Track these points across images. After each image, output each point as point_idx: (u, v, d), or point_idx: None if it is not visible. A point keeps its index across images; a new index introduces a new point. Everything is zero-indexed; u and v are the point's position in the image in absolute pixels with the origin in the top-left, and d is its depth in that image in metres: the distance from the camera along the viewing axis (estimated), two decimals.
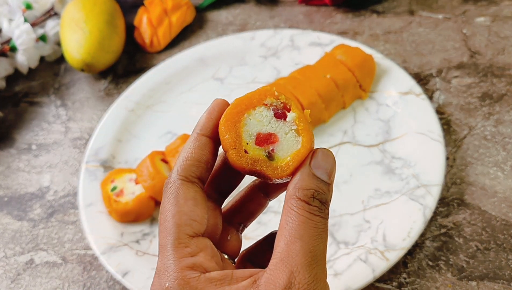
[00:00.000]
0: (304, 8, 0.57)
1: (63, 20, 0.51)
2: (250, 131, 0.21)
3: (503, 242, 0.34)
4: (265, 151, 0.21)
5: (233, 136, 0.21)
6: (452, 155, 0.40)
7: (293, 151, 0.21)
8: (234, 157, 0.21)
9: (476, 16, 0.51)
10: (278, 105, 0.22)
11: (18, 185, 0.45)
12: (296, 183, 0.20)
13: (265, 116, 0.22)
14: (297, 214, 0.20)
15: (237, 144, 0.21)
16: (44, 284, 0.37)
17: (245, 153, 0.21)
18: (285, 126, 0.21)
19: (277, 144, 0.21)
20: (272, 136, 0.21)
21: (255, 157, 0.21)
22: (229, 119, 0.21)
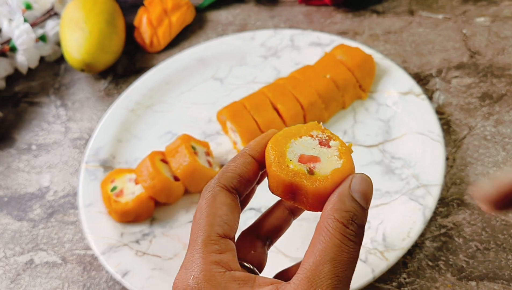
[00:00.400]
0: (304, 8, 0.57)
1: (63, 20, 0.51)
2: (294, 152, 0.23)
3: (503, 242, 0.34)
4: (306, 167, 0.22)
5: (278, 153, 0.23)
6: (452, 155, 0.40)
7: (334, 168, 0.22)
8: (276, 169, 0.22)
9: (476, 16, 0.51)
10: (323, 137, 0.24)
11: (18, 185, 0.45)
12: (334, 204, 0.20)
13: (310, 143, 0.24)
14: (331, 235, 0.19)
15: (280, 159, 0.23)
16: (44, 284, 0.37)
17: (287, 166, 0.22)
18: (328, 152, 0.23)
19: (318, 163, 0.23)
20: (314, 158, 0.23)
21: (296, 170, 0.22)
22: (277, 141, 0.23)
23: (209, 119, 0.46)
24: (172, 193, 0.38)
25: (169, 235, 0.38)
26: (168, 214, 0.39)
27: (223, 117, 0.41)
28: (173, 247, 0.37)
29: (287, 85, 0.42)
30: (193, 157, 0.38)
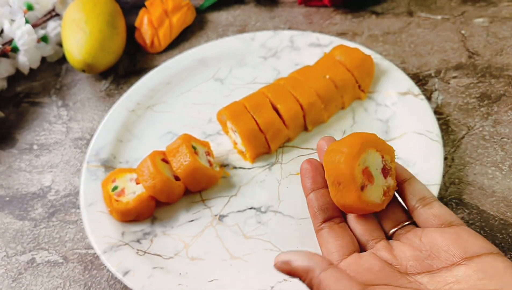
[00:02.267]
0: (303, 9, 0.57)
1: (64, 21, 0.51)
2: (365, 160, 0.26)
3: (502, 242, 0.35)
4: (363, 181, 0.25)
5: (359, 150, 0.25)
6: (451, 155, 0.40)
7: (375, 201, 0.26)
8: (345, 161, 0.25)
9: (475, 17, 0.52)
10: (388, 166, 0.27)
11: (20, 185, 0.45)
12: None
13: (378, 163, 0.26)
14: None
15: (356, 157, 0.25)
16: (45, 283, 0.38)
17: (355, 165, 0.25)
18: (382, 181, 0.26)
19: (370, 185, 0.26)
20: (372, 178, 0.26)
21: (356, 177, 0.25)
22: (364, 141, 0.26)
23: (210, 119, 0.46)
24: (173, 193, 0.38)
25: (170, 234, 0.38)
26: (169, 213, 0.39)
27: (223, 117, 0.42)
28: (174, 246, 0.37)
29: (287, 85, 0.42)
30: (194, 157, 0.38)
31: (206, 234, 0.38)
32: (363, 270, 0.23)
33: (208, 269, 0.36)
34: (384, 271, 0.23)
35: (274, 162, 0.42)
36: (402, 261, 0.24)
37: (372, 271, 0.23)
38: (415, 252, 0.24)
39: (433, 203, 0.26)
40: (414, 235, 0.25)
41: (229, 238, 0.37)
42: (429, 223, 0.25)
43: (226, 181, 0.41)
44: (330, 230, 0.26)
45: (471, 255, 0.22)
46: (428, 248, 0.24)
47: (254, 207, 0.39)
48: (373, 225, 0.27)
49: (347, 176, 0.25)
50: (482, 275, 0.21)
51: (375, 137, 0.27)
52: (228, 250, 0.36)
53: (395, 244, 0.25)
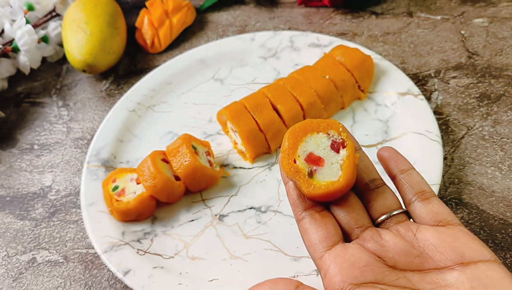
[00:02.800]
0: (303, 10, 0.57)
1: (64, 21, 0.52)
2: (305, 148, 0.25)
3: (501, 241, 0.35)
4: (308, 168, 0.25)
5: (291, 145, 0.25)
6: (450, 155, 0.40)
7: (330, 180, 0.24)
8: (283, 161, 0.25)
9: (474, 17, 0.52)
10: (338, 139, 0.25)
11: (20, 184, 0.45)
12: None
13: (323, 143, 0.25)
14: None
15: (290, 152, 0.25)
16: (46, 283, 0.38)
17: (293, 162, 0.25)
18: (334, 158, 0.25)
19: (320, 168, 0.25)
20: (320, 160, 0.25)
21: (299, 169, 0.24)
22: (295, 131, 0.25)
23: (210, 119, 0.46)
24: (173, 193, 0.38)
25: (170, 234, 0.38)
26: (169, 213, 0.39)
27: (223, 117, 0.42)
28: (174, 246, 0.37)
29: (287, 85, 0.42)
30: (194, 157, 0.38)
31: (206, 233, 0.38)
32: (348, 265, 0.21)
33: (208, 269, 0.36)
34: (371, 266, 0.21)
35: (274, 162, 0.42)
36: (391, 253, 0.22)
37: (357, 266, 0.21)
38: (406, 247, 0.22)
39: (431, 198, 0.24)
40: (407, 228, 0.23)
41: (229, 238, 0.37)
42: (426, 219, 0.24)
43: (226, 181, 0.41)
44: (311, 219, 0.24)
45: (467, 261, 0.21)
46: (421, 246, 0.22)
47: (254, 207, 0.39)
48: (359, 211, 0.25)
49: (291, 172, 0.24)
50: (476, 283, 0.20)
51: (309, 122, 0.26)
52: (228, 250, 0.36)
53: (384, 233, 0.23)
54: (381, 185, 0.26)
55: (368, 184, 0.26)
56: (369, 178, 0.26)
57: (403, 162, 0.26)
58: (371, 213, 0.25)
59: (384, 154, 0.27)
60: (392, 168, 0.26)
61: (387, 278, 0.21)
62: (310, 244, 0.24)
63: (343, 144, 0.25)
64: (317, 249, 0.23)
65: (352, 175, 0.24)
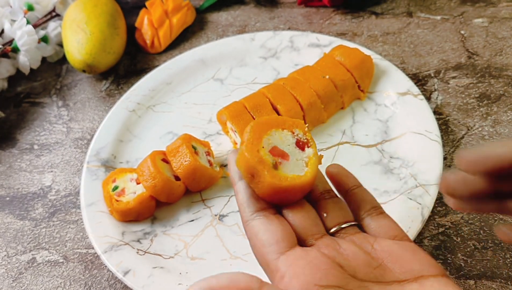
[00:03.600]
0: (303, 10, 0.57)
1: (64, 21, 0.52)
2: (270, 141, 0.24)
3: (501, 241, 0.35)
4: (273, 160, 0.24)
5: (255, 136, 0.24)
6: (450, 155, 0.40)
7: (296, 174, 0.23)
8: (246, 149, 0.23)
9: (474, 17, 0.52)
10: (302, 139, 0.25)
11: (20, 184, 0.45)
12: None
13: (288, 140, 0.25)
14: None
15: (254, 142, 0.23)
16: (46, 283, 0.38)
17: (257, 152, 0.23)
18: (300, 155, 0.24)
19: (286, 161, 0.24)
20: (285, 155, 0.24)
21: (263, 159, 0.23)
22: (259, 124, 0.24)
23: (210, 119, 0.46)
24: (173, 193, 0.38)
25: (170, 234, 0.38)
26: (169, 213, 0.39)
27: (223, 117, 0.42)
28: (174, 246, 0.37)
29: (287, 85, 0.42)
30: (194, 157, 0.38)
31: (206, 233, 0.38)
32: (310, 267, 0.20)
33: (208, 269, 0.36)
34: (334, 270, 0.20)
35: None
36: (351, 262, 0.21)
37: (320, 269, 0.20)
38: (365, 257, 0.22)
39: (383, 214, 0.25)
40: (364, 239, 0.23)
41: (229, 238, 0.37)
42: (381, 233, 0.23)
43: (226, 181, 0.41)
44: (265, 220, 0.23)
45: (427, 274, 0.21)
46: (380, 257, 0.22)
47: None
48: (313, 218, 0.24)
49: (254, 162, 0.23)
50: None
51: (274, 118, 0.25)
52: (228, 250, 0.36)
53: (342, 242, 0.23)
54: (335, 196, 0.25)
55: (323, 194, 0.25)
56: (323, 188, 0.26)
57: (353, 179, 0.26)
58: (325, 223, 0.24)
59: (333, 171, 0.26)
60: (343, 183, 0.26)
61: (350, 285, 0.20)
62: (262, 245, 0.22)
63: (307, 144, 0.25)
64: (270, 250, 0.22)
65: (317, 174, 0.24)
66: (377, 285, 0.21)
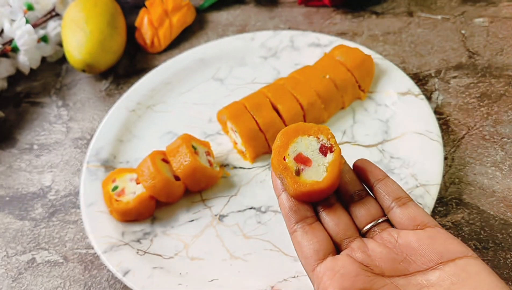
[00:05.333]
0: (303, 9, 0.57)
1: (64, 21, 0.51)
2: (296, 148, 0.27)
3: (502, 241, 0.35)
4: (296, 167, 0.26)
5: (283, 144, 0.27)
6: (451, 155, 0.40)
7: (314, 180, 0.26)
8: (275, 157, 0.27)
9: (475, 17, 0.52)
10: (327, 144, 0.27)
11: (20, 184, 0.45)
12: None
13: (313, 146, 0.27)
14: None
15: (281, 151, 0.27)
16: (46, 283, 0.38)
17: (283, 160, 0.27)
18: (321, 160, 0.27)
19: (307, 168, 0.27)
20: (308, 161, 0.27)
21: (288, 167, 0.26)
22: (288, 131, 0.27)
23: (210, 119, 0.46)
24: (173, 193, 0.38)
25: (170, 234, 0.38)
26: (169, 213, 0.39)
27: (223, 117, 0.42)
28: (174, 246, 0.37)
29: (287, 85, 0.42)
30: (194, 157, 0.38)
31: (206, 234, 0.38)
32: (339, 276, 0.23)
33: (208, 269, 0.36)
34: (360, 276, 0.23)
35: None
36: (377, 262, 0.24)
37: (348, 277, 0.23)
38: (390, 254, 0.24)
39: (408, 203, 0.26)
40: (390, 235, 0.25)
41: (229, 238, 0.37)
42: (405, 224, 0.25)
43: (226, 181, 0.41)
44: (303, 232, 0.26)
45: (446, 260, 0.23)
46: (404, 251, 0.24)
47: (254, 207, 0.39)
48: (346, 222, 0.27)
49: (280, 169, 0.26)
50: (456, 279, 0.22)
51: (302, 125, 0.28)
52: (228, 250, 0.36)
53: (370, 243, 0.25)
54: (365, 196, 0.28)
55: (353, 196, 0.28)
56: (354, 190, 0.28)
57: (378, 172, 0.28)
58: (357, 223, 0.27)
59: (360, 165, 0.29)
60: (369, 178, 0.28)
61: (376, 285, 0.23)
62: (303, 256, 0.25)
63: (331, 149, 0.27)
64: (309, 262, 0.25)
65: (335, 177, 0.26)
66: (402, 278, 0.23)
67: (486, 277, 0.22)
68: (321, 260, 0.25)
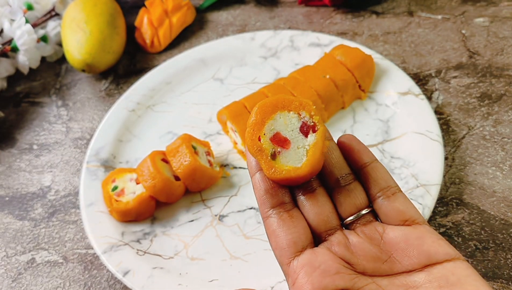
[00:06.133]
0: (303, 9, 0.57)
1: (64, 21, 0.51)
2: (273, 126, 0.23)
3: (502, 242, 0.35)
4: (272, 149, 0.23)
5: (258, 121, 0.23)
6: (451, 155, 0.40)
7: (292, 165, 0.23)
8: (248, 137, 0.23)
9: (475, 17, 0.51)
10: (309, 122, 0.23)
11: (20, 185, 0.45)
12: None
13: (293, 124, 0.23)
14: None
15: (256, 128, 0.23)
16: (45, 283, 0.37)
17: (258, 140, 0.23)
18: (301, 141, 0.23)
19: (285, 150, 0.23)
20: (286, 142, 0.23)
21: (263, 148, 0.23)
22: (265, 106, 0.23)
23: (210, 119, 0.46)
24: (172, 193, 0.38)
25: (170, 234, 0.38)
26: (169, 213, 0.39)
27: (223, 117, 0.42)
28: (174, 246, 0.37)
29: (287, 85, 0.42)
30: (194, 157, 0.38)
31: (206, 234, 0.38)
32: (318, 273, 0.21)
33: (208, 269, 0.35)
34: (341, 273, 0.21)
35: None
36: (360, 259, 0.22)
37: (328, 274, 0.21)
38: (375, 251, 0.22)
39: (397, 194, 0.24)
40: (374, 231, 0.23)
41: (229, 238, 0.37)
42: (392, 218, 0.23)
43: (226, 181, 0.41)
44: (279, 219, 0.23)
45: (434, 262, 0.21)
46: (389, 249, 0.22)
47: (254, 207, 0.39)
48: (329, 210, 0.23)
49: (253, 150, 0.23)
50: (444, 282, 0.20)
51: (282, 99, 0.24)
52: (228, 250, 0.36)
53: (353, 237, 0.23)
54: (351, 182, 0.24)
55: (339, 180, 0.24)
56: (340, 173, 0.24)
57: (367, 153, 0.25)
58: (340, 212, 0.24)
59: (346, 142, 0.25)
60: (356, 160, 0.24)
61: (357, 285, 0.21)
62: (277, 247, 0.22)
63: (313, 128, 0.23)
64: (284, 253, 0.22)
65: (317, 163, 0.23)
66: (386, 278, 0.21)
67: (475, 281, 0.20)
68: (299, 252, 0.22)
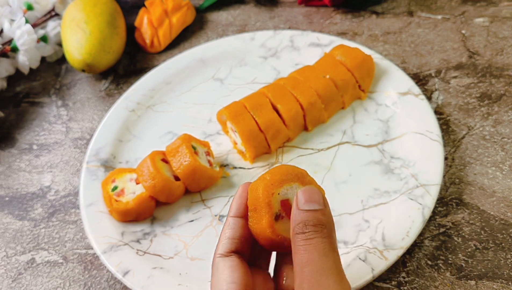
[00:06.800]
0: (303, 9, 0.57)
1: (64, 21, 0.51)
2: (287, 192, 0.24)
3: (502, 242, 0.35)
4: (279, 211, 0.24)
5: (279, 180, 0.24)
6: (451, 155, 0.40)
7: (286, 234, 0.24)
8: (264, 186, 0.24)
9: (475, 17, 0.51)
10: None
11: (19, 185, 0.45)
12: (291, 226, 0.23)
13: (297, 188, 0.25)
14: (299, 246, 0.22)
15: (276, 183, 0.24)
16: (45, 284, 0.37)
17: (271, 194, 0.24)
18: None
19: (286, 219, 0.24)
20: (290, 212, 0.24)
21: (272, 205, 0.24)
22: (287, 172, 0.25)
23: (209, 119, 0.46)
24: (172, 193, 0.38)
25: (170, 234, 0.38)
26: (169, 213, 0.39)
27: (223, 117, 0.42)
28: (174, 246, 0.37)
29: (287, 85, 0.42)
30: (194, 157, 0.38)
31: (206, 234, 0.38)
32: None
33: (208, 269, 0.35)
34: None
35: (274, 162, 0.42)
36: None
37: None
38: None
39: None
40: None
41: None
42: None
43: (226, 181, 0.41)
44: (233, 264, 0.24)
45: None
46: None
47: None
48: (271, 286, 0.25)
49: (261, 201, 0.24)
50: None
51: (305, 173, 0.25)
52: None
53: None
54: None
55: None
56: None
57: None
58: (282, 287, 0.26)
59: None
60: None
61: None
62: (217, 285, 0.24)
63: None
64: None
65: None
66: None
67: None
68: None
